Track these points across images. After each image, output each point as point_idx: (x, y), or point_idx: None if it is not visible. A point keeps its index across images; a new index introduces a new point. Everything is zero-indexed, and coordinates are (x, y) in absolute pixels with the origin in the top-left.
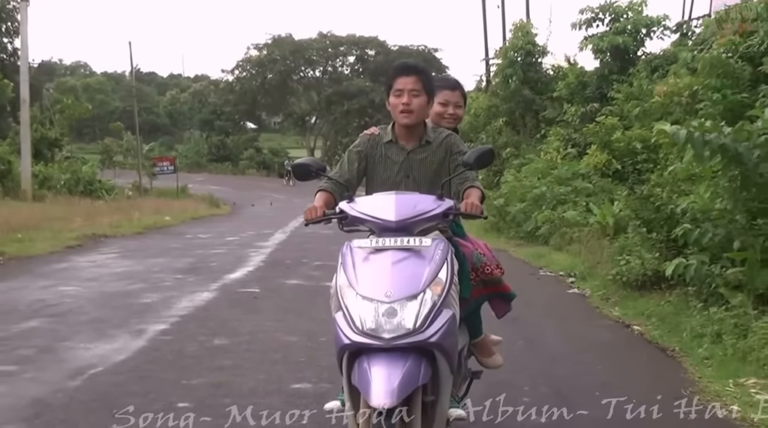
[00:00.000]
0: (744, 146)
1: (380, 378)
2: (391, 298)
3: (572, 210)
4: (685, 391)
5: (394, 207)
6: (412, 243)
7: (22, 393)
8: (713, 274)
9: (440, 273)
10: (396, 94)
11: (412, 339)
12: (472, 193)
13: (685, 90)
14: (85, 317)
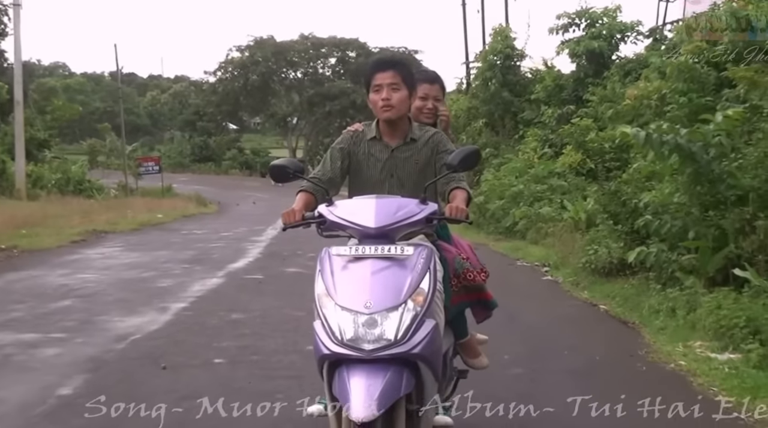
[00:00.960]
0: (698, 146)
1: (359, 391)
2: (371, 309)
3: (548, 206)
4: (641, 352)
5: (373, 212)
6: (393, 252)
7: (79, 353)
8: (670, 260)
9: (422, 282)
10: (375, 89)
11: (393, 350)
12: (457, 195)
13: (655, 93)
14: (110, 298)
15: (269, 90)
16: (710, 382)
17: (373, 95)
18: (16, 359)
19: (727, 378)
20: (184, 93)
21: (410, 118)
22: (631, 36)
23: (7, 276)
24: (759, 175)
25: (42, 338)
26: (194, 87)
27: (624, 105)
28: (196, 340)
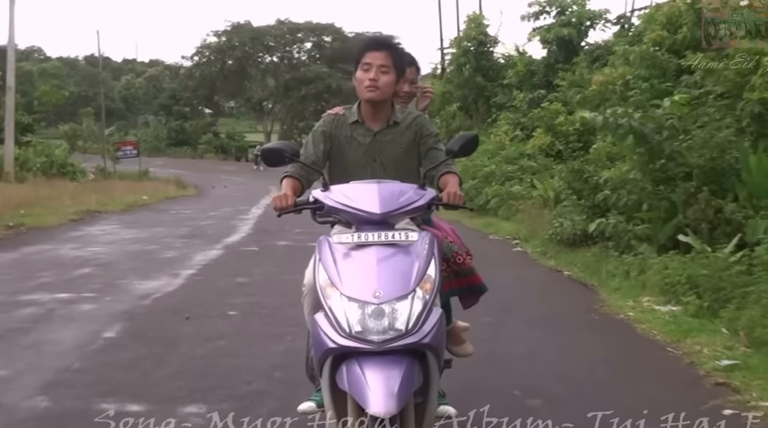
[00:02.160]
0: (650, 128)
1: (379, 384)
2: (380, 299)
3: (518, 185)
4: (596, 306)
5: (377, 198)
6: (398, 238)
7: (111, 308)
8: (626, 230)
9: (429, 269)
10: (364, 68)
11: (405, 341)
12: (450, 180)
13: (619, 79)
14: (124, 266)
15: (245, 74)
16: (652, 327)
17: (360, 73)
18: (59, 312)
19: (666, 324)
20: (158, 77)
21: (393, 102)
22: (599, 23)
23: (23, 250)
24: (704, 154)
25: (76, 297)
26: (169, 71)
27: (591, 90)
28: (209, 298)
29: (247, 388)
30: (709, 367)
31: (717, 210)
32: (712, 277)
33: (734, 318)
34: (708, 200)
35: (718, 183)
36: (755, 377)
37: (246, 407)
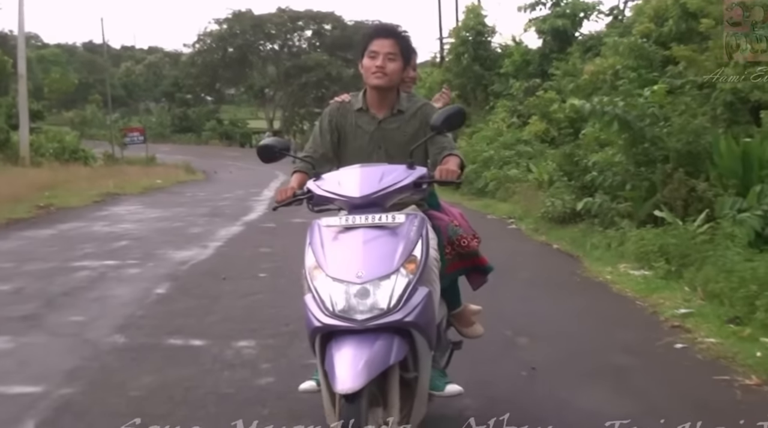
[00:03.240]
0: (632, 116)
1: (344, 362)
2: (362, 279)
3: (515, 169)
4: (578, 271)
5: (358, 181)
6: (384, 220)
7: (155, 272)
8: (611, 208)
9: (415, 250)
10: (371, 55)
11: (386, 319)
12: (449, 160)
13: (609, 69)
14: (157, 240)
15: (247, 62)
16: (625, 287)
17: (367, 60)
18: (110, 275)
19: (638, 285)
20: (158, 64)
21: (398, 90)
22: (592, 14)
23: (59, 227)
24: (681, 139)
25: (121, 263)
26: (168, 58)
27: (582, 79)
28: (240, 263)
29: (285, 329)
30: (668, 315)
31: (690, 189)
32: (680, 246)
33: (694, 277)
34: (682, 180)
35: (693, 165)
36: (705, 322)
37: (287, 342)
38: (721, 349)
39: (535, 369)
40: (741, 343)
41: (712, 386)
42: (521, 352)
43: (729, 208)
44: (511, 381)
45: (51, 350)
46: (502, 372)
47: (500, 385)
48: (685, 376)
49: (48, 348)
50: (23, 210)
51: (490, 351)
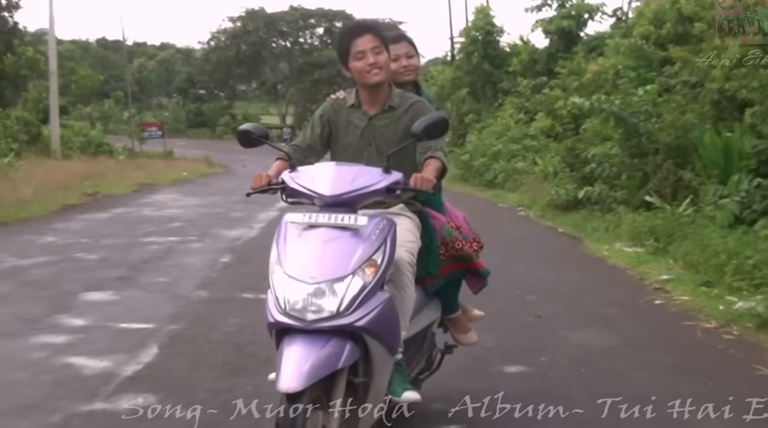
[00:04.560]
0: (627, 113)
1: (290, 361)
2: (315, 280)
3: (522, 162)
4: (579, 249)
5: (329, 180)
6: (347, 222)
7: (214, 246)
8: (608, 196)
9: (376, 254)
10: (358, 56)
11: (335, 322)
12: (429, 165)
13: (611, 69)
14: (205, 222)
15: (260, 59)
16: (618, 261)
17: (356, 63)
18: (178, 249)
19: (629, 259)
20: (170, 60)
21: (391, 85)
22: (596, 16)
23: (112, 211)
24: (671, 133)
25: (183, 240)
26: (180, 54)
27: (586, 78)
28: None
29: None
30: (652, 280)
31: (678, 178)
32: (666, 226)
33: (676, 251)
34: (671, 170)
35: (682, 157)
36: (681, 285)
37: None
38: (692, 304)
39: (540, 317)
40: (708, 300)
41: (679, 328)
42: (529, 305)
43: (711, 195)
44: (521, 324)
45: (150, 301)
46: (514, 318)
47: (512, 326)
48: (659, 322)
49: (147, 299)
50: (73, 197)
51: (504, 304)
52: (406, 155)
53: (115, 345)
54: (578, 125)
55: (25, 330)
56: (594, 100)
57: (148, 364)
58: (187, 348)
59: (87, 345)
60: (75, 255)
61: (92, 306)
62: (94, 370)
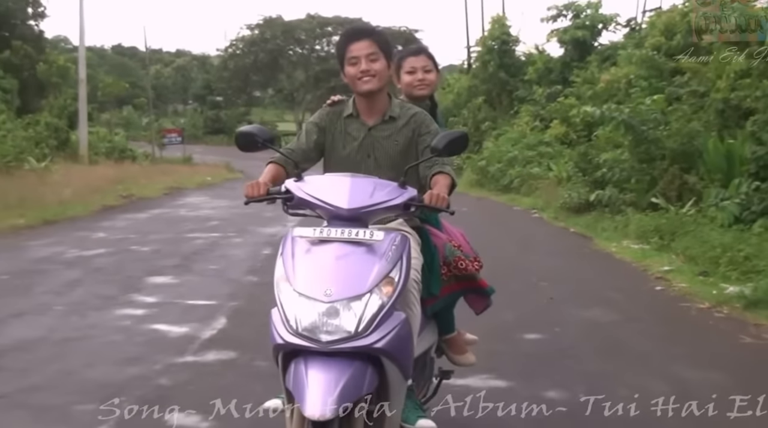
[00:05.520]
0: (636, 121)
1: (317, 386)
2: (330, 298)
3: (537, 167)
4: (590, 246)
5: (347, 192)
6: (362, 237)
7: (254, 240)
8: (618, 198)
9: (392, 271)
10: (351, 62)
11: (353, 343)
12: (439, 181)
13: (623, 78)
14: (241, 221)
15: (277, 66)
16: (625, 256)
17: (349, 68)
18: (221, 243)
19: (635, 254)
20: (186, 67)
21: (390, 95)
22: (610, 26)
23: (150, 211)
24: (677, 140)
25: (224, 235)
26: (196, 61)
27: (599, 87)
28: None
29: None
30: (654, 271)
31: (683, 181)
32: (670, 225)
33: (678, 246)
34: (676, 174)
35: (687, 162)
36: (681, 275)
37: None
38: (689, 290)
39: (552, 299)
40: (704, 287)
41: (676, 308)
42: (543, 290)
43: (714, 197)
44: (535, 305)
45: (207, 283)
46: (530, 299)
47: (529, 306)
48: (658, 303)
49: (204, 282)
50: (111, 199)
51: (521, 289)
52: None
53: (188, 316)
54: (591, 132)
55: (107, 305)
56: (605, 109)
57: (221, 330)
58: (251, 319)
59: (164, 317)
60: (130, 248)
61: (158, 288)
62: (177, 334)
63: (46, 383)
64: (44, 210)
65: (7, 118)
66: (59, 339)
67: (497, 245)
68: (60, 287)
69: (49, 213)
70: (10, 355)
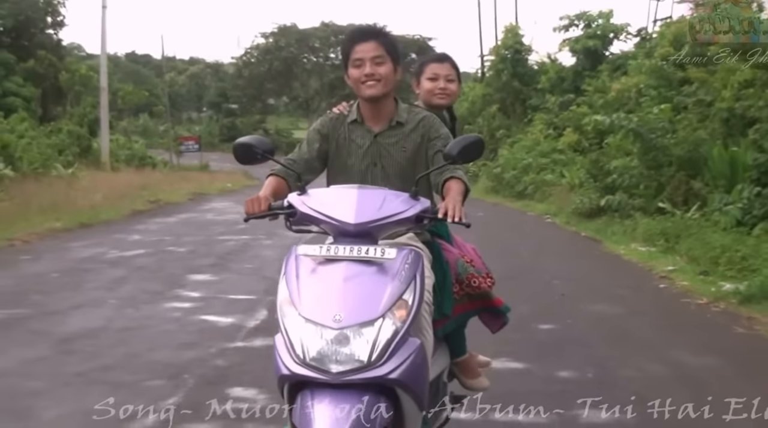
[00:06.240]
0: (644, 129)
1: (325, 423)
2: (340, 323)
3: (550, 174)
4: (599, 248)
5: (354, 205)
6: (372, 254)
7: (283, 243)
8: (627, 203)
9: (406, 293)
10: (356, 64)
11: (365, 374)
12: (452, 188)
13: (634, 87)
14: (269, 225)
15: (292, 74)
16: (633, 257)
17: (353, 71)
18: (252, 244)
19: (642, 255)
20: (200, 75)
21: (397, 99)
22: (621, 36)
23: (178, 216)
24: (684, 148)
25: (254, 237)
26: (210, 69)
27: (610, 96)
28: None
29: None
30: (659, 271)
31: (689, 187)
32: (675, 228)
33: (681, 248)
34: (682, 180)
35: (693, 168)
36: (683, 274)
37: None
38: (690, 288)
39: (564, 295)
40: (704, 284)
41: (677, 303)
42: (555, 287)
43: (717, 202)
44: (549, 300)
45: (244, 280)
46: (543, 295)
47: (542, 301)
48: (661, 299)
49: (241, 279)
50: (139, 204)
51: (536, 286)
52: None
53: (232, 308)
54: (602, 140)
55: (156, 299)
56: (615, 118)
57: (264, 320)
58: None
59: (210, 309)
60: (167, 249)
61: (200, 284)
62: (225, 323)
63: (115, 363)
64: (78, 214)
65: (29, 126)
66: (119, 328)
67: (512, 248)
68: (109, 284)
69: (83, 217)
70: (79, 341)
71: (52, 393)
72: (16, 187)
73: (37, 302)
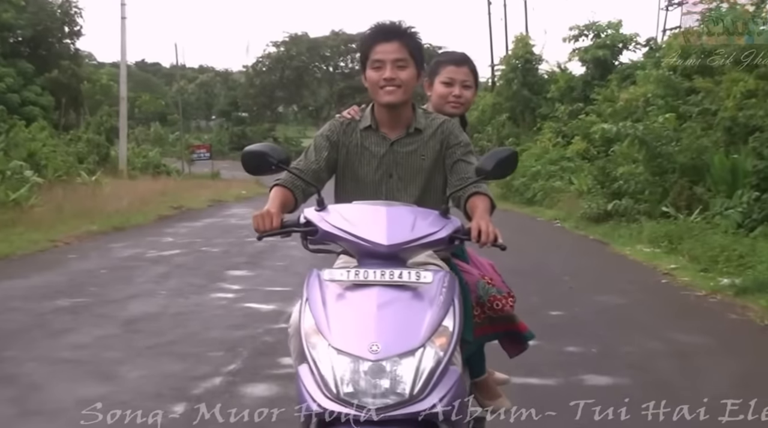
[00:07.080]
0: (650, 137)
1: None
2: (378, 355)
3: (559, 181)
4: (607, 250)
5: (385, 225)
6: (407, 278)
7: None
8: (633, 208)
9: (446, 319)
10: (375, 65)
11: (408, 409)
12: (478, 206)
13: (641, 97)
14: None
15: (302, 83)
16: (638, 258)
17: (371, 73)
18: (279, 245)
19: (647, 256)
20: (210, 83)
21: (415, 105)
22: (630, 45)
23: (203, 220)
24: (687, 155)
25: (281, 240)
26: (219, 77)
27: (619, 105)
28: None
29: None
30: (662, 269)
31: (692, 192)
32: (678, 231)
33: (684, 248)
34: (685, 186)
35: (696, 175)
36: (684, 271)
37: None
38: (690, 283)
39: (572, 288)
40: (703, 280)
41: (677, 295)
42: (564, 282)
43: (719, 207)
44: (559, 292)
45: (277, 275)
46: (553, 288)
47: (553, 293)
48: (663, 292)
49: (274, 274)
50: (164, 209)
51: (546, 281)
52: (435, 186)
53: (271, 298)
54: (609, 148)
55: (202, 291)
56: (621, 126)
57: None
58: None
59: (251, 298)
60: (201, 249)
61: (239, 279)
62: (267, 310)
63: (178, 339)
64: (109, 218)
65: (49, 135)
66: (174, 313)
67: (523, 250)
68: (155, 278)
69: (114, 221)
70: (141, 323)
71: (130, 361)
72: (46, 194)
73: (95, 293)
